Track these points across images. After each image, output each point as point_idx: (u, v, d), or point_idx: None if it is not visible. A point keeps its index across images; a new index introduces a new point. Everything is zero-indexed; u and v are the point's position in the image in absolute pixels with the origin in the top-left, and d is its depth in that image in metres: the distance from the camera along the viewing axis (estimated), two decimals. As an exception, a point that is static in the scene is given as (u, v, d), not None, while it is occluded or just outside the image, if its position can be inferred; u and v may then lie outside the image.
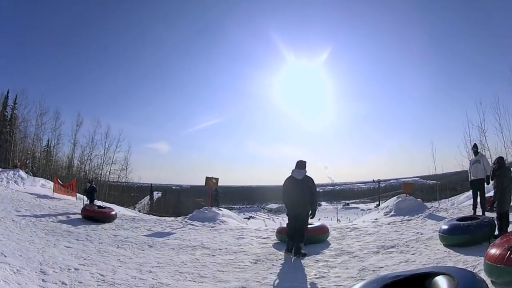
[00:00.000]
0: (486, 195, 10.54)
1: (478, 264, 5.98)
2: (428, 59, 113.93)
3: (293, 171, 8.42)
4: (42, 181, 20.31)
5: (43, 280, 5.38)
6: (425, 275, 3.41)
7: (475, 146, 11.62)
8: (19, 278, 5.27)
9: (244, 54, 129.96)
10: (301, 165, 8.44)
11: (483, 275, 4.95)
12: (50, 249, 7.42)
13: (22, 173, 19.21)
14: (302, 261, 7.50)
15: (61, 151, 38.91)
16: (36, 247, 7.39)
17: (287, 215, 8.50)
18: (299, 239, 8.11)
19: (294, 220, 8.26)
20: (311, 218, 8.39)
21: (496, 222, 7.60)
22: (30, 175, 21.15)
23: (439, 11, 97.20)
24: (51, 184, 18.95)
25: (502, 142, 27.38)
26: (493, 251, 4.93)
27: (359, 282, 3.54)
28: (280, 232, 9.48)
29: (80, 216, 11.53)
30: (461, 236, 7.44)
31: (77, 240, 8.58)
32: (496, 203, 7.81)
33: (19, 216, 10.51)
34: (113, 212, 12.11)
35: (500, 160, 8.09)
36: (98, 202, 14.59)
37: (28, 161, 31.98)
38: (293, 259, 7.66)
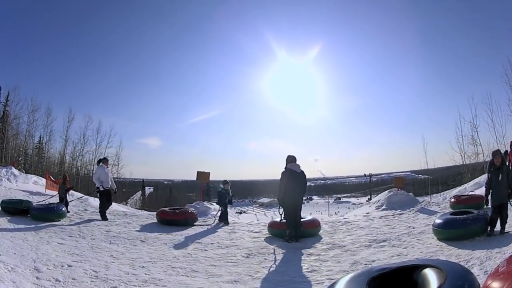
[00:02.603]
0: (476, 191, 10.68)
1: (471, 258, 6.09)
2: (419, 55, 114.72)
3: (289, 165, 8.84)
4: (34, 178, 20.20)
5: (37, 277, 5.39)
6: (413, 268, 3.44)
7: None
8: (14, 276, 5.27)
9: (236, 49, 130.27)
10: (294, 159, 8.84)
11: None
12: (44, 246, 7.41)
13: (14, 170, 19.09)
14: (294, 254, 7.56)
15: (53, 148, 38.59)
16: (29, 244, 7.39)
17: (287, 206, 8.96)
18: (300, 225, 8.89)
19: (294, 209, 8.89)
20: None
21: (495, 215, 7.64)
22: (23, 172, 21.08)
23: (431, 7, 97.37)
24: (43, 180, 18.86)
25: (495, 138, 27.47)
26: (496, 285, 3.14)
27: (347, 276, 3.57)
28: (272, 226, 9.57)
29: (73, 212, 11.55)
30: (456, 230, 7.49)
31: (70, 236, 8.58)
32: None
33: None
34: None
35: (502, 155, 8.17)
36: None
37: (20, 158, 31.82)
38: (284, 253, 7.74)
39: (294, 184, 8.82)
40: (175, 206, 12.59)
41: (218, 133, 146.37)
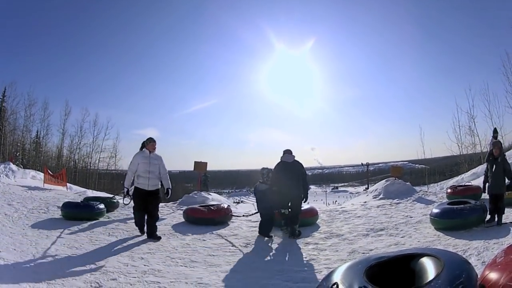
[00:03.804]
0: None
1: (469, 248, 6.17)
2: (417, 45, 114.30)
3: (282, 156, 8.63)
4: (32, 172, 20.14)
5: (37, 272, 5.40)
6: (410, 257, 3.46)
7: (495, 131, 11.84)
8: (14, 272, 5.29)
9: (232, 39, 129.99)
10: (289, 151, 8.69)
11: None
12: (43, 240, 7.41)
13: (12, 166, 19.02)
14: (292, 244, 7.59)
15: (50, 142, 38.75)
16: (29, 239, 7.38)
17: (281, 197, 8.62)
18: (295, 222, 8.45)
19: (288, 200, 8.55)
20: (304, 201, 8.72)
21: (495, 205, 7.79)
22: (21, 167, 21.00)
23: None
24: (41, 175, 18.79)
25: (492, 128, 27.52)
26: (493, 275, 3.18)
27: (344, 264, 3.59)
28: None
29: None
30: (453, 220, 7.57)
31: (69, 230, 8.56)
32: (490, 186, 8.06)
33: (12, 209, 10.44)
34: None
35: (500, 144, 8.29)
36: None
37: (18, 153, 31.77)
38: (282, 242, 7.76)
39: (283, 176, 8.55)
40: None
41: (215, 123, 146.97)
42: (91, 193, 15.98)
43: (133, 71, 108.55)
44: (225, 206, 10.68)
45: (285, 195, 8.51)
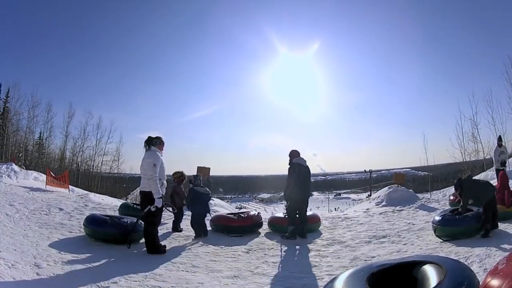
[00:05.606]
0: None
1: (470, 255, 6.13)
2: (420, 51, 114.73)
3: (295, 159, 8.78)
4: (34, 174, 20.16)
5: (37, 273, 5.38)
6: (412, 264, 3.46)
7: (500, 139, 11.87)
8: (14, 272, 5.27)
9: (236, 44, 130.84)
10: (299, 153, 8.76)
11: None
12: (44, 242, 7.38)
13: (15, 166, 19.06)
14: (294, 250, 7.56)
15: (53, 144, 38.58)
16: (30, 240, 7.35)
17: (295, 201, 8.75)
18: (306, 221, 8.78)
19: (302, 204, 8.79)
20: None
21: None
22: (23, 168, 21.03)
23: (432, 3, 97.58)
24: (43, 176, 18.79)
25: (495, 135, 27.44)
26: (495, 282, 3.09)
27: (346, 271, 3.58)
28: (272, 221, 9.54)
29: (73, 208, 11.43)
30: (455, 227, 7.56)
31: (70, 232, 8.53)
32: None
33: (13, 210, 10.44)
34: None
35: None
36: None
37: (21, 154, 31.80)
38: (284, 249, 7.74)
39: (303, 179, 8.74)
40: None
41: (218, 128, 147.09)
42: (94, 196, 15.89)
43: (137, 75, 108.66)
44: (255, 213, 10.12)
45: (303, 197, 8.77)
